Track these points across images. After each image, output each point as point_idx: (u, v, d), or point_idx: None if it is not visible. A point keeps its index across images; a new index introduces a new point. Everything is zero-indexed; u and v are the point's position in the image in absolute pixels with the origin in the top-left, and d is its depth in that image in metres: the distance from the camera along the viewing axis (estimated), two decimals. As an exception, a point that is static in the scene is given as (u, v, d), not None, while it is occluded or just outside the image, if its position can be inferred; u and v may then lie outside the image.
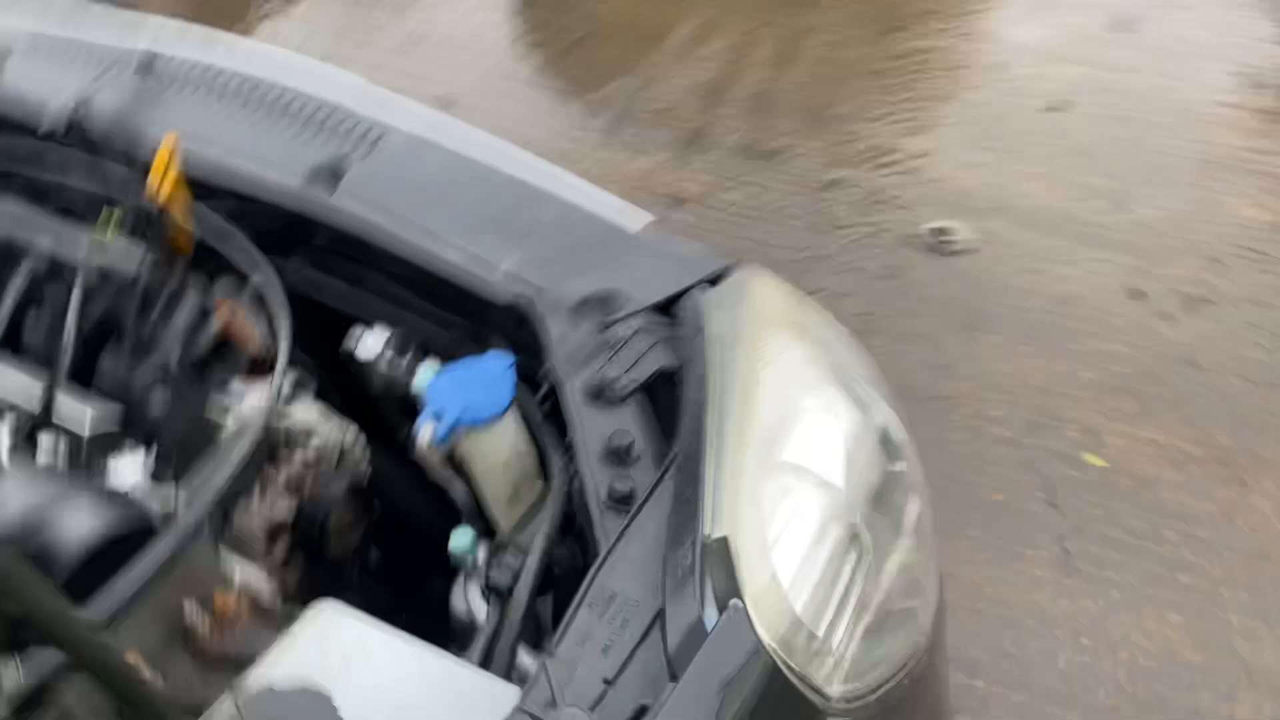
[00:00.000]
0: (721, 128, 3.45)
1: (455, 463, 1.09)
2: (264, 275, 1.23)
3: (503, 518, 1.11)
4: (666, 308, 1.15)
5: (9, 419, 1.08)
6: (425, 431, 1.02)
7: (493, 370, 1.07)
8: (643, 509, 0.93)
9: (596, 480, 0.97)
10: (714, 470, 0.91)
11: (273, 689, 0.72)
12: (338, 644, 0.80)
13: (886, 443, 1.07)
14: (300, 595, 1.24)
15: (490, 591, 1.01)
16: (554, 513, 1.00)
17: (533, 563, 0.98)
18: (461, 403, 1.04)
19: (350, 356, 1.29)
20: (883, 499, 1.00)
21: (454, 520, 1.30)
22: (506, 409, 1.05)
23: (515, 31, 4.02)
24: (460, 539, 1.06)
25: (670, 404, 1.04)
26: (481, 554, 1.08)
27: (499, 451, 1.06)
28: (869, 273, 2.93)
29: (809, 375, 1.08)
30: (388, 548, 1.43)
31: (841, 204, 3.15)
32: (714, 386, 0.99)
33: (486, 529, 1.15)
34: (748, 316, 1.10)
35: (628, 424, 1.00)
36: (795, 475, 0.97)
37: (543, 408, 1.10)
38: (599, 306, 1.16)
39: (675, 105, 3.55)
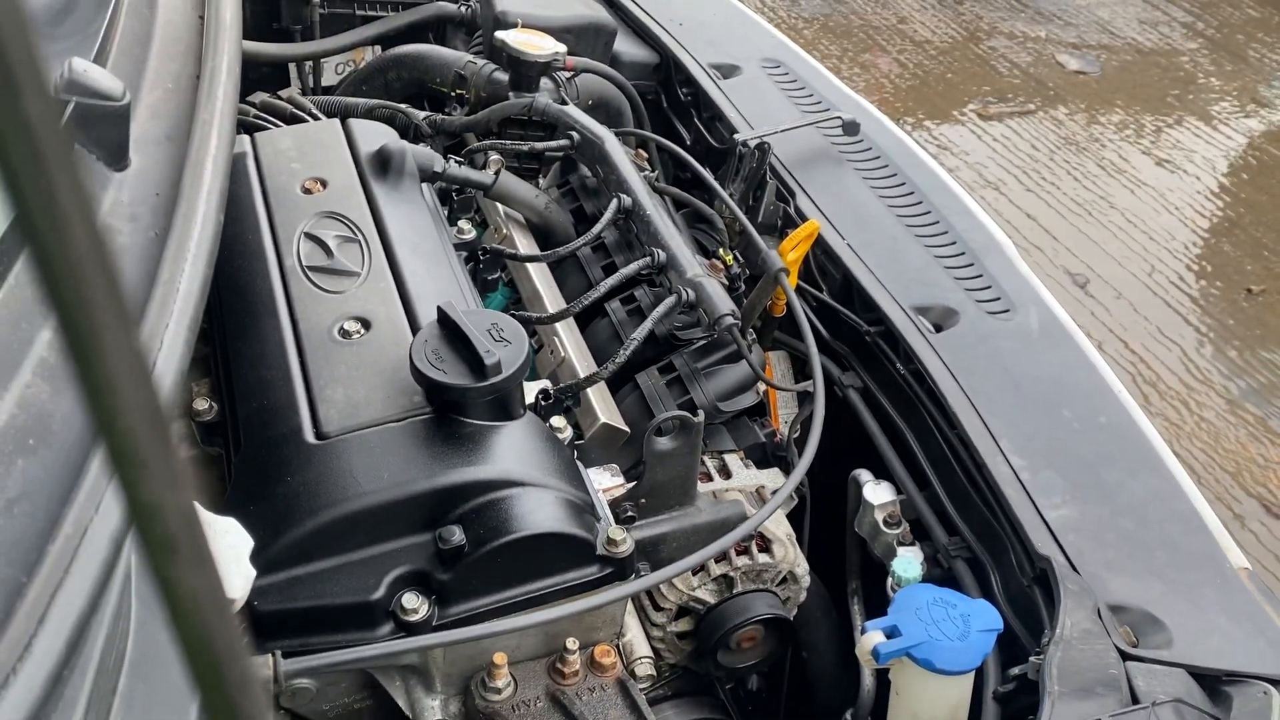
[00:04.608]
0: None
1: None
2: (815, 377, 1.17)
3: (893, 769, 0.95)
4: (1221, 684, 0.89)
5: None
6: (870, 639, 0.89)
7: (976, 621, 0.91)
8: None
9: None
10: None
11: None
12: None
13: None
14: (663, 685, 1.19)
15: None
16: None
17: None
18: (924, 634, 0.89)
19: (857, 488, 1.21)
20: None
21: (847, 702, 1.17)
22: (966, 672, 0.89)
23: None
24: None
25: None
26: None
27: (930, 707, 0.90)
28: None
29: None
30: (768, 682, 1.33)
31: None
32: None
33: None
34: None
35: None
36: None
37: (1004, 695, 0.91)
38: (1138, 628, 0.93)
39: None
